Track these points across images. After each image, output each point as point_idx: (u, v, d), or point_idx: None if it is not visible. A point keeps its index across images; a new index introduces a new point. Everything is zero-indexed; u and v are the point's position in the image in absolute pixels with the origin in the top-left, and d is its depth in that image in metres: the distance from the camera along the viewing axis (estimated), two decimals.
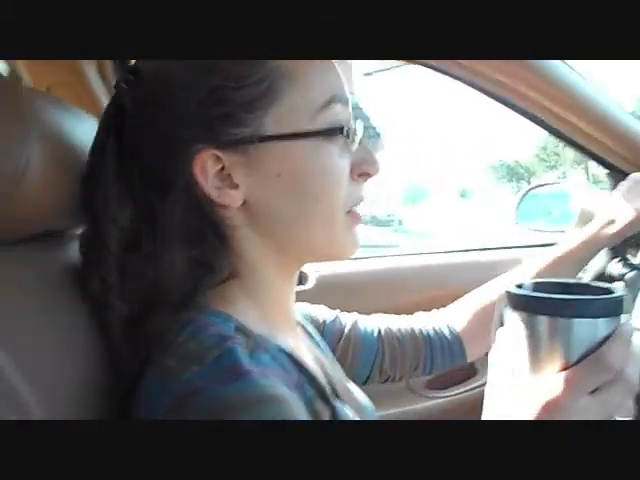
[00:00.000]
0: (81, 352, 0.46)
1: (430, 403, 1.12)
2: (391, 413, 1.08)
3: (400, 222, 23.01)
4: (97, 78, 0.94)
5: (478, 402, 0.81)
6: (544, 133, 1.10)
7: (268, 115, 0.48)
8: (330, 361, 0.63)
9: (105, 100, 0.94)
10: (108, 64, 0.96)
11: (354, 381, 0.65)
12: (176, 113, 0.47)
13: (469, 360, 0.75)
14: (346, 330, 0.70)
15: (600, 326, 0.40)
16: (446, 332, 0.74)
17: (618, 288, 0.44)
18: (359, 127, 0.52)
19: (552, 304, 0.41)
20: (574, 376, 0.39)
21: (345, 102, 0.51)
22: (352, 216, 0.53)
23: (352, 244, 0.54)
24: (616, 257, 0.82)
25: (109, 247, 0.47)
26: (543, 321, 0.41)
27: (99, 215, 0.47)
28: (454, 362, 0.74)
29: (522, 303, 0.42)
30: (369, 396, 0.64)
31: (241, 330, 0.45)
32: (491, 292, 0.77)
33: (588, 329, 0.40)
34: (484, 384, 1.15)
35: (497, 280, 0.79)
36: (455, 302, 0.80)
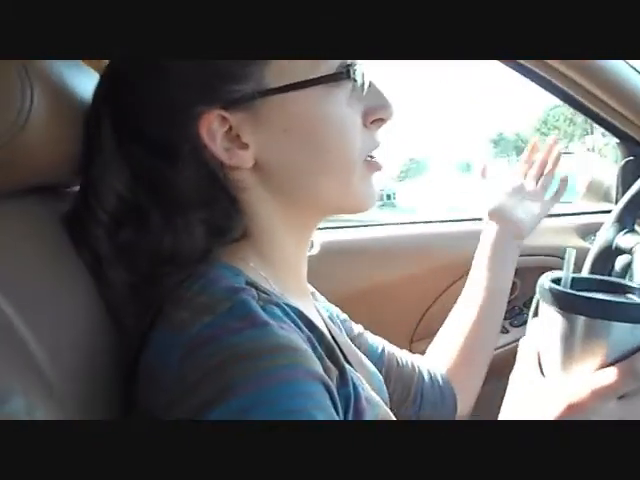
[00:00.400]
0: (83, 306, 0.46)
1: None
2: None
3: (389, 197, 22.43)
4: None
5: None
6: (545, 106, 1.08)
7: (268, 67, 0.46)
8: (339, 331, 0.62)
9: None
10: None
11: None
12: (174, 75, 0.46)
13: (460, 412, 0.73)
14: (354, 333, 0.70)
15: (638, 332, 0.40)
16: (439, 377, 0.73)
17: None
18: (368, 69, 0.49)
19: (592, 305, 0.40)
20: (605, 380, 0.38)
21: None
22: (369, 164, 0.51)
23: (370, 194, 0.52)
24: (624, 229, 0.81)
25: (101, 219, 0.46)
26: (581, 321, 0.40)
27: (96, 186, 0.47)
28: (444, 404, 0.72)
29: (560, 300, 0.41)
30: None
31: (252, 285, 0.45)
32: (462, 327, 0.76)
33: (626, 334, 0.39)
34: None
35: (462, 311, 0.78)
36: (436, 341, 0.80)
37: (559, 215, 1.23)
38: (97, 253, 0.46)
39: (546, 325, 0.43)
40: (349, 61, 0.48)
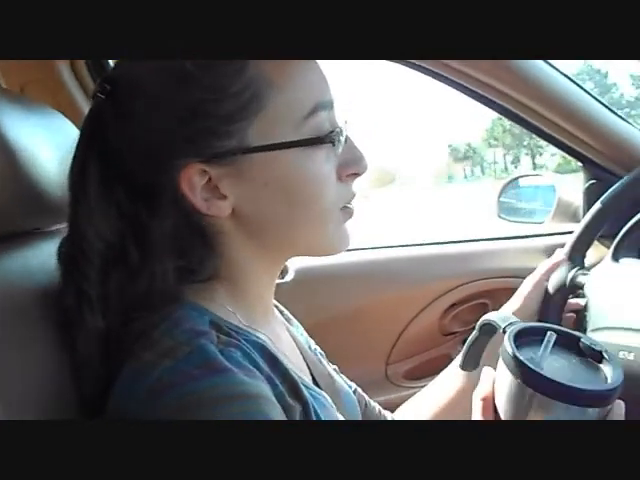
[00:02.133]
0: (43, 359, 0.46)
1: (408, 393, 1.14)
2: None
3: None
4: (71, 76, 0.93)
5: None
6: (491, 117, 1.12)
7: (252, 126, 0.47)
8: (309, 350, 0.64)
9: (79, 98, 0.94)
10: (81, 62, 0.95)
11: None
12: (157, 129, 0.47)
13: None
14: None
15: (589, 414, 0.41)
16: None
17: (613, 364, 0.44)
18: (345, 126, 0.52)
19: (543, 383, 0.41)
20: None
21: (330, 107, 0.51)
22: (345, 212, 0.54)
23: (344, 239, 0.55)
24: (575, 267, 0.84)
25: (92, 262, 0.47)
26: (531, 394, 0.42)
27: (83, 230, 0.47)
28: None
29: (514, 368, 0.43)
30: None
31: (215, 324, 0.46)
32: (432, 405, 0.77)
33: (576, 414, 0.41)
34: None
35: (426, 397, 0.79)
36: (406, 406, 0.80)
37: (528, 236, 1.26)
38: (83, 296, 0.47)
39: (500, 381, 0.45)
40: (331, 126, 0.50)
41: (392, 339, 1.15)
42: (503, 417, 0.45)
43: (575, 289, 0.83)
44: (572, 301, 0.81)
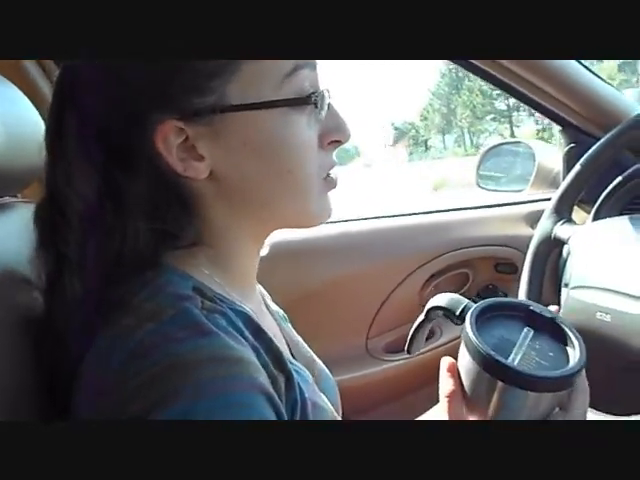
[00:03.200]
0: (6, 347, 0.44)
1: (389, 365, 1.13)
2: (350, 377, 1.08)
3: None
4: None
5: (435, 362, 0.82)
6: (426, 96, 1.10)
7: (231, 83, 0.45)
8: (288, 330, 0.62)
9: (27, 63, 0.88)
10: None
11: None
12: (133, 82, 0.45)
13: None
14: None
15: (545, 399, 0.42)
16: None
17: (579, 344, 0.44)
18: (327, 92, 0.50)
19: (500, 369, 0.42)
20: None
21: (312, 67, 0.49)
22: (327, 182, 0.52)
23: (325, 211, 0.53)
24: (561, 219, 0.82)
25: (72, 224, 0.45)
26: (488, 379, 0.43)
27: (61, 192, 0.46)
28: None
29: (473, 352, 0.43)
30: (329, 361, 0.64)
31: (199, 290, 0.45)
32: None
33: (535, 398, 0.42)
34: (441, 345, 1.16)
35: None
36: None
37: (508, 204, 1.24)
38: (64, 261, 0.45)
39: (462, 363, 0.46)
40: (312, 87, 0.48)
41: (372, 312, 1.13)
42: (468, 400, 0.45)
43: (559, 242, 0.81)
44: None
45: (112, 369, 0.40)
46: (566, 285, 0.76)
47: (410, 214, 1.23)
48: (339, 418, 0.55)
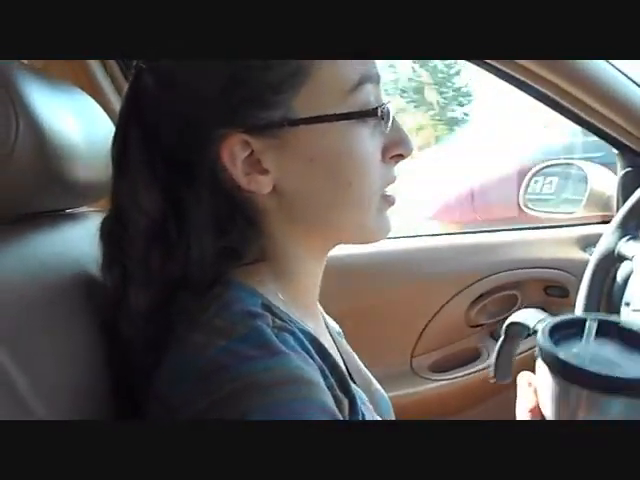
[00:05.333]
0: (83, 348, 0.46)
1: (434, 385, 1.12)
2: (394, 395, 1.07)
3: None
4: None
5: (481, 384, 0.80)
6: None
7: (297, 97, 0.46)
8: (345, 347, 0.62)
9: (100, 75, 0.92)
10: None
11: None
12: (199, 96, 0.46)
13: None
14: None
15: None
16: None
17: None
18: (391, 106, 0.50)
19: (589, 378, 0.37)
20: None
21: (376, 81, 0.49)
22: (386, 199, 0.52)
23: (385, 228, 0.52)
24: (626, 235, 0.80)
25: (135, 239, 0.46)
26: (578, 392, 0.38)
27: (126, 206, 0.46)
28: None
29: (555, 366, 0.39)
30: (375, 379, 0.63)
31: (267, 307, 0.45)
32: None
33: (631, 407, 0.37)
34: (486, 367, 1.15)
35: None
36: None
37: (560, 226, 1.22)
38: (127, 275, 0.46)
39: (542, 384, 0.42)
40: (377, 101, 0.48)
41: (418, 331, 1.12)
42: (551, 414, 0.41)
43: (622, 258, 0.79)
44: None
45: (181, 388, 0.40)
46: (627, 304, 0.74)
47: (458, 233, 1.22)
48: None
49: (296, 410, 0.37)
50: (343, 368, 0.49)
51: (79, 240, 0.54)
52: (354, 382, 0.54)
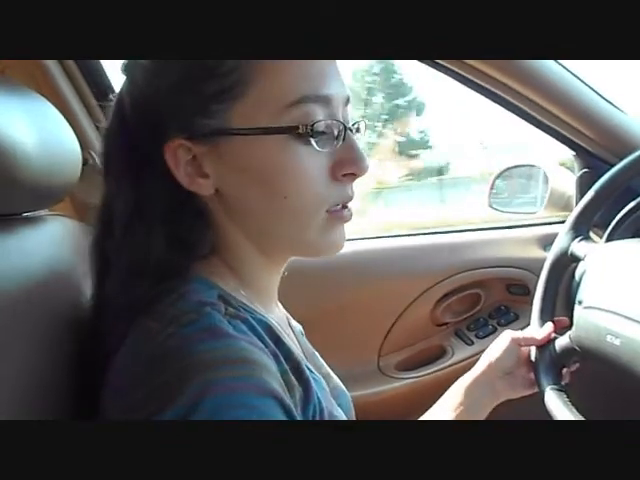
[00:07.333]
0: (45, 349, 0.46)
1: (401, 384, 1.13)
2: (361, 394, 1.08)
3: None
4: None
5: (448, 382, 0.82)
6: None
7: (235, 108, 0.48)
8: (304, 343, 0.64)
9: (60, 79, 0.92)
10: None
11: None
12: (151, 100, 0.49)
13: None
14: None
15: None
16: None
17: None
18: (344, 126, 0.50)
19: None
20: None
21: (325, 103, 0.49)
22: (332, 215, 0.52)
23: (332, 244, 0.53)
24: (579, 236, 0.82)
25: (115, 231, 0.49)
26: None
27: (108, 202, 0.51)
28: None
29: None
30: (340, 377, 0.65)
31: (224, 298, 0.47)
32: None
33: None
34: (453, 364, 1.17)
35: None
36: None
37: (521, 226, 1.25)
38: (107, 265, 0.50)
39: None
40: (315, 119, 0.49)
41: (384, 330, 1.14)
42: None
43: (575, 259, 0.81)
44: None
45: (132, 371, 0.42)
46: (580, 303, 0.76)
47: (423, 233, 1.24)
48: None
49: (230, 387, 0.39)
50: (299, 358, 0.50)
51: (37, 243, 0.54)
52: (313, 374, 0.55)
